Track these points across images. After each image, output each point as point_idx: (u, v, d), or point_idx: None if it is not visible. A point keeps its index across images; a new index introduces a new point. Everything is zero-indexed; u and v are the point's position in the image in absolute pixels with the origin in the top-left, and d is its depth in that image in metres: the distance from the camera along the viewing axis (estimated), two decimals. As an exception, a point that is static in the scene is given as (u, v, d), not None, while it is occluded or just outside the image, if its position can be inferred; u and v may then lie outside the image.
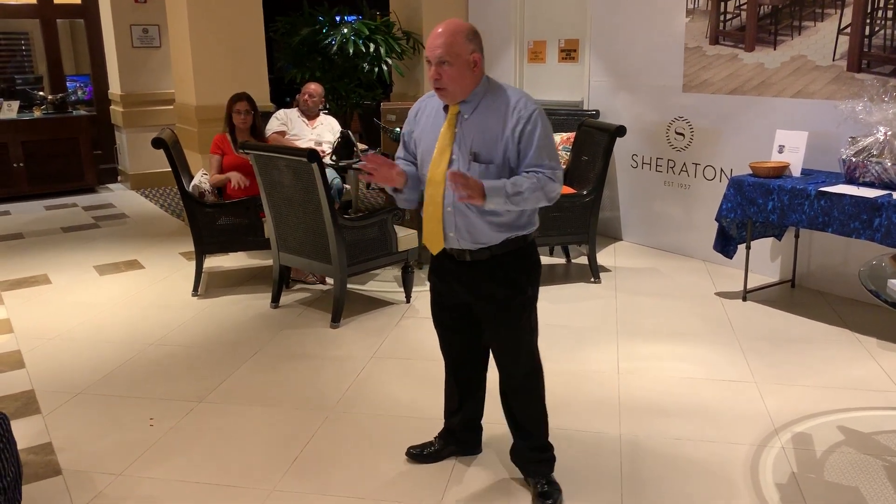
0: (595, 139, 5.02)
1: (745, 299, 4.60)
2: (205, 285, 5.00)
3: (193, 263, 4.95)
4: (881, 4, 4.28)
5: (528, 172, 2.36)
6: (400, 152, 2.65)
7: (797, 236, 4.76)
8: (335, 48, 6.93)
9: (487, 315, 2.56)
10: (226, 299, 4.82)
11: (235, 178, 4.93)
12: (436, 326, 2.79)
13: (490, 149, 2.37)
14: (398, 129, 5.17)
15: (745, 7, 4.96)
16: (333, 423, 3.23)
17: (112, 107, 8.94)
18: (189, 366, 3.85)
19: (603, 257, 5.53)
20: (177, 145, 5.05)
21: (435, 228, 2.48)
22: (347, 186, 6.39)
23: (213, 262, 5.44)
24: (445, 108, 2.44)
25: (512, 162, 2.38)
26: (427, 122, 2.51)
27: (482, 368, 2.81)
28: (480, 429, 2.93)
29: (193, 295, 4.88)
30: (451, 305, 2.66)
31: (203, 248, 4.86)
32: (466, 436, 2.90)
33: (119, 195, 8.44)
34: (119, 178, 9.18)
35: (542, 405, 2.69)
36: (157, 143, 4.71)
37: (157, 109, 8.50)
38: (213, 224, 4.83)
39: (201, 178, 5.04)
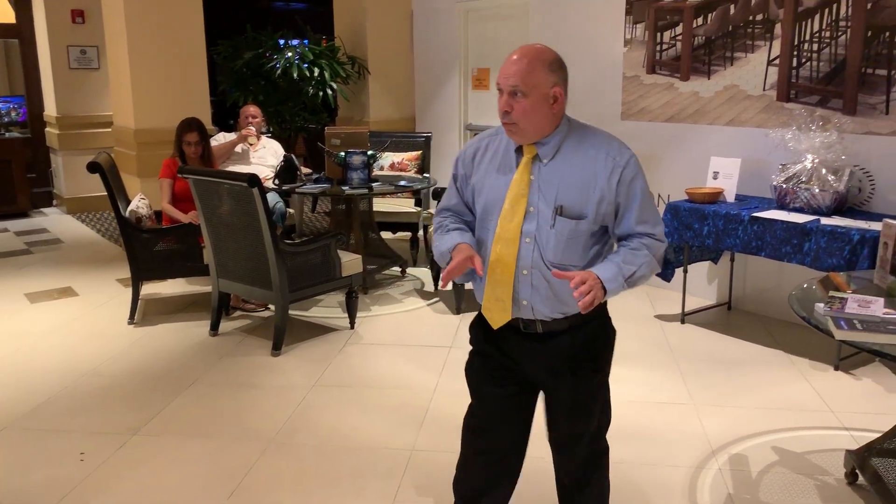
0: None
1: (683, 322, 4.69)
2: (142, 313, 4.87)
3: (130, 290, 4.81)
4: (807, 37, 4.47)
5: (629, 239, 2.01)
6: (448, 202, 2.18)
7: (733, 260, 4.89)
8: (279, 72, 6.90)
9: (560, 397, 2.12)
10: (163, 327, 4.70)
11: (192, 218, 4.73)
12: (480, 408, 2.20)
13: (580, 201, 1.95)
14: (342, 154, 5.16)
15: (680, 38, 5.12)
16: (273, 454, 3.16)
17: (47, 129, 8.70)
18: (123, 397, 3.74)
19: (546, 281, 5.57)
20: (114, 169, 4.93)
21: (503, 295, 2.00)
22: (291, 210, 6.33)
23: (151, 288, 5.28)
24: (518, 150, 2.02)
25: (607, 218, 1.99)
26: (491, 167, 2.06)
27: (521, 457, 2.26)
28: None
29: (130, 323, 4.75)
30: (513, 382, 2.14)
31: (140, 274, 4.74)
32: None
33: (54, 220, 8.19)
34: (54, 202, 8.91)
35: (607, 498, 2.31)
36: (93, 167, 4.59)
37: (95, 132, 8.30)
38: (151, 250, 4.72)
39: (139, 203, 4.92)
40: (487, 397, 2.17)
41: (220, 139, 5.73)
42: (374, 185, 5.16)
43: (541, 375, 2.10)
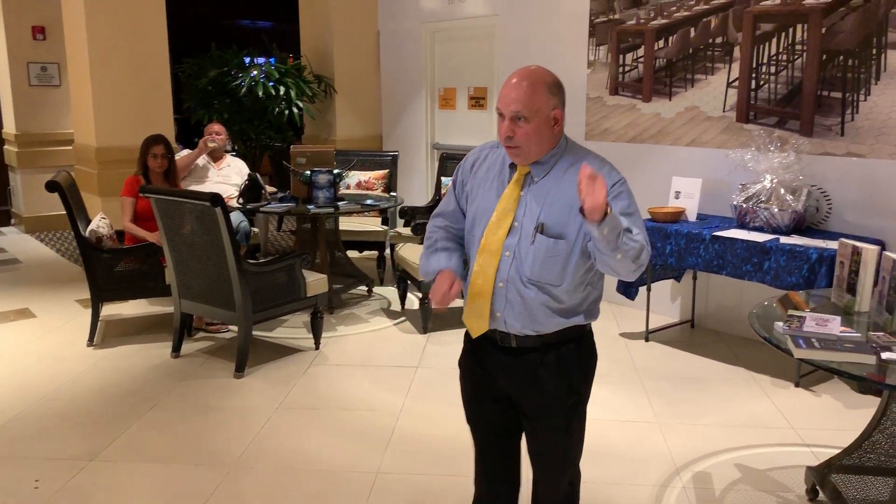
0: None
1: (647, 340, 4.73)
2: (101, 334, 4.77)
3: (90, 311, 4.72)
4: (765, 60, 4.57)
5: None
6: (445, 207, 2.21)
7: (695, 278, 4.95)
8: (244, 90, 6.86)
9: (532, 414, 2.12)
10: (124, 349, 4.61)
11: (157, 238, 4.61)
12: (470, 424, 2.26)
13: (562, 221, 1.96)
14: (307, 173, 5.13)
15: (642, 60, 5.20)
16: (235, 479, 3.10)
17: (6, 147, 8.54)
18: (81, 421, 3.64)
19: (513, 300, 5.58)
20: (73, 188, 4.85)
21: (481, 306, 2.03)
22: (256, 230, 6.27)
23: (112, 309, 5.20)
24: (512, 165, 2.05)
25: (588, 241, 1.95)
26: (486, 178, 2.10)
27: (517, 486, 2.30)
28: None
29: (89, 345, 4.65)
30: (490, 397, 2.16)
31: (100, 295, 4.65)
32: None
33: (12, 239, 8.01)
34: (12, 220, 8.72)
35: None
36: (52, 186, 4.51)
37: (56, 150, 8.16)
38: (111, 270, 4.64)
39: (100, 223, 4.83)
40: (469, 407, 2.24)
41: (181, 154, 5.67)
42: (340, 203, 5.14)
43: (512, 389, 2.11)
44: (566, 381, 2.08)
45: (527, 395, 2.08)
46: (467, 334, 2.15)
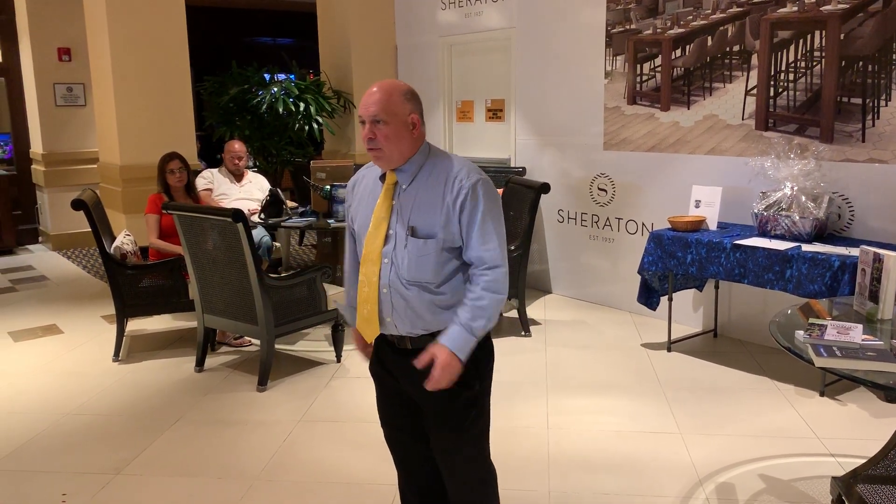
0: (521, 195, 5.13)
1: (669, 350, 4.70)
2: (126, 350, 4.84)
3: (115, 327, 4.79)
4: (783, 67, 4.55)
5: (472, 280, 2.10)
6: (349, 229, 2.36)
7: (717, 287, 4.92)
8: (265, 107, 6.94)
9: (428, 413, 2.21)
10: (148, 364, 4.67)
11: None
12: (382, 426, 2.39)
13: (429, 222, 2.09)
14: (328, 187, 5.18)
15: (659, 69, 5.20)
16: (258, 492, 3.13)
17: (34, 166, 8.70)
18: (107, 436, 3.69)
19: (533, 310, 5.59)
20: (98, 206, 4.93)
21: (370, 312, 2.16)
22: (277, 244, 6.34)
23: (136, 325, 5.27)
24: (382, 178, 2.17)
25: (455, 239, 2.09)
26: (364, 194, 2.24)
27: (440, 476, 2.35)
28: None
29: (114, 360, 4.71)
30: (397, 401, 2.29)
31: (125, 311, 4.72)
32: None
33: (39, 256, 8.15)
34: (40, 238, 8.88)
35: None
36: (77, 204, 4.59)
37: (81, 168, 8.31)
38: (136, 286, 4.71)
39: (124, 240, 4.91)
40: (380, 409, 2.38)
41: (206, 177, 5.74)
42: (359, 217, 5.17)
43: (414, 390, 2.18)
44: (461, 374, 2.12)
45: (423, 394, 2.14)
46: (375, 340, 2.26)
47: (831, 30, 4.29)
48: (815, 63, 4.40)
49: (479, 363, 2.19)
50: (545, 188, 4.95)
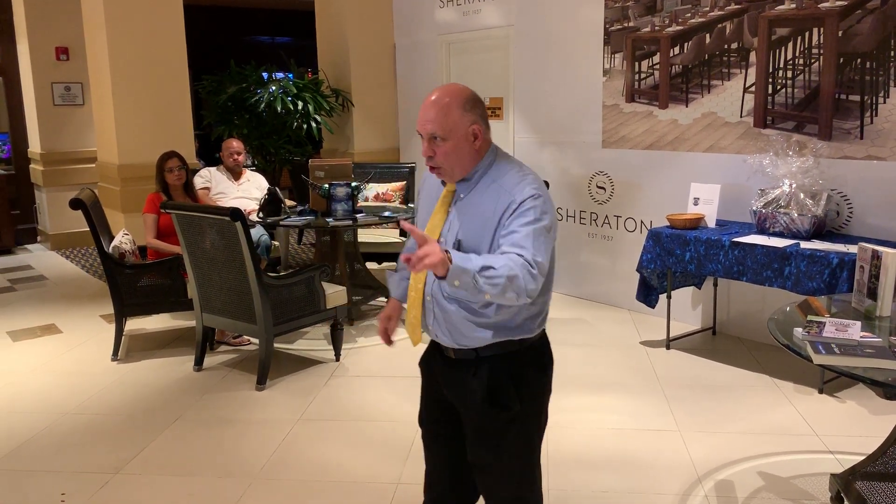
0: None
1: (668, 347, 4.70)
2: (125, 349, 4.83)
3: (114, 326, 4.78)
4: (781, 65, 4.55)
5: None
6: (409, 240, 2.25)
7: (716, 285, 4.92)
8: (263, 105, 6.94)
9: (465, 425, 2.11)
10: (147, 363, 4.67)
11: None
12: (420, 425, 2.29)
13: (478, 238, 1.96)
14: (326, 186, 5.18)
15: (657, 67, 5.20)
16: (257, 490, 3.13)
17: (32, 165, 8.70)
18: (106, 435, 3.69)
19: (532, 309, 5.58)
20: (97, 205, 4.93)
21: (415, 318, 2.10)
22: (276, 243, 6.33)
23: (135, 324, 5.27)
24: (444, 183, 2.09)
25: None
26: (426, 199, 2.15)
27: (467, 499, 2.24)
28: None
29: (113, 359, 4.71)
30: (437, 402, 2.19)
31: (123, 310, 4.71)
32: None
33: (38, 256, 8.15)
34: (39, 238, 8.87)
35: None
36: (76, 203, 4.59)
37: (80, 168, 8.30)
38: (134, 285, 4.70)
39: (122, 239, 4.91)
40: (421, 406, 2.29)
41: (204, 176, 5.74)
42: (358, 216, 5.18)
43: (452, 397, 2.13)
44: (495, 396, 2.02)
45: (462, 405, 2.09)
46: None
47: (829, 27, 4.29)
48: (813, 60, 4.40)
49: (521, 385, 2.04)
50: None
